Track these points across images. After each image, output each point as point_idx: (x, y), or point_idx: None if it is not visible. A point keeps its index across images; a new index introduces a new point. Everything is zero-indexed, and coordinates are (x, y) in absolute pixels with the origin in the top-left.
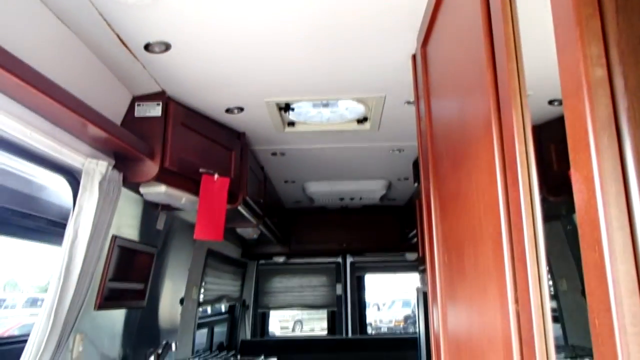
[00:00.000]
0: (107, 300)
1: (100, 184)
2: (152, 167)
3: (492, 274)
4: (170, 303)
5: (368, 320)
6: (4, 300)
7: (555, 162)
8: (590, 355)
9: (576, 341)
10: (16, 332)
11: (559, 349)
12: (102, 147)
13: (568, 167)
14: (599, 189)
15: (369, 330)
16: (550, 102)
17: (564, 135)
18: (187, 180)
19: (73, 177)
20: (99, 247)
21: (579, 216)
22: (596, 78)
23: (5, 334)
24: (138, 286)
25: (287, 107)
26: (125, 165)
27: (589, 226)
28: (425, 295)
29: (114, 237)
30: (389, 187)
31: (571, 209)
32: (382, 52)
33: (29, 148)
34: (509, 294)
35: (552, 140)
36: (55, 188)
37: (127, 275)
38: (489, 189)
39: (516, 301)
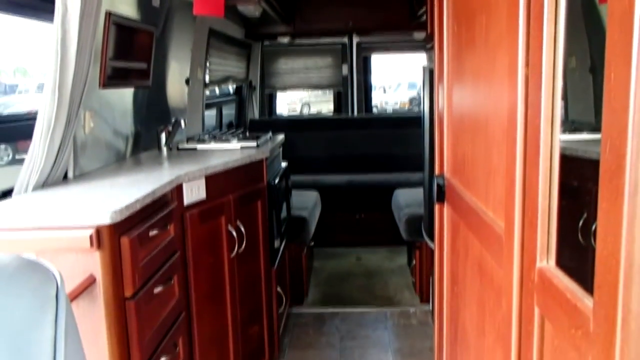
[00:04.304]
0: (111, 79)
1: None
2: None
3: (503, 40)
4: (176, 83)
5: (374, 102)
6: (17, 86)
7: None
8: (589, 129)
9: (577, 117)
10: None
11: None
12: None
13: None
14: None
15: (374, 111)
16: None
17: None
18: None
19: None
20: (92, 22)
21: None
22: None
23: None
24: (141, 65)
25: None
26: None
27: None
28: (431, 73)
29: (108, 14)
30: None
31: None
32: None
33: None
34: (520, 58)
35: None
36: None
37: (128, 54)
38: None
39: (527, 64)
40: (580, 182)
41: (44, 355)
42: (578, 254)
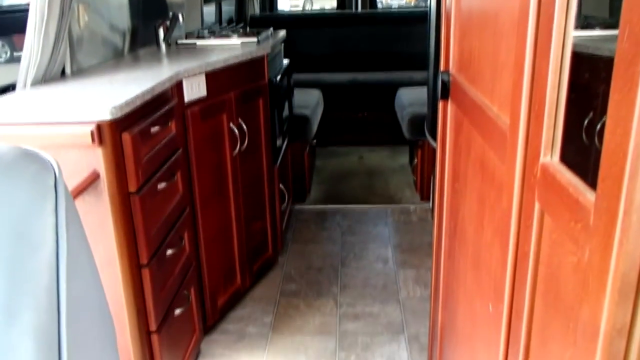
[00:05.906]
0: None
1: None
2: None
3: None
4: None
5: None
6: None
7: None
8: (601, 24)
9: (590, 12)
10: None
11: None
12: None
13: None
14: None
15: (379, 7)
16: None
17: None
18: None
19: None
20: None
21: None
22: None
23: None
24: None
25: None
26: None
27: None
28: None
29: None
30: None
31: None
32: None
33: None
34: None
35: None
36: None
37: None
38: None
39: None
40: (588, 80)
41: (46, 241)
42: (581, 152)
